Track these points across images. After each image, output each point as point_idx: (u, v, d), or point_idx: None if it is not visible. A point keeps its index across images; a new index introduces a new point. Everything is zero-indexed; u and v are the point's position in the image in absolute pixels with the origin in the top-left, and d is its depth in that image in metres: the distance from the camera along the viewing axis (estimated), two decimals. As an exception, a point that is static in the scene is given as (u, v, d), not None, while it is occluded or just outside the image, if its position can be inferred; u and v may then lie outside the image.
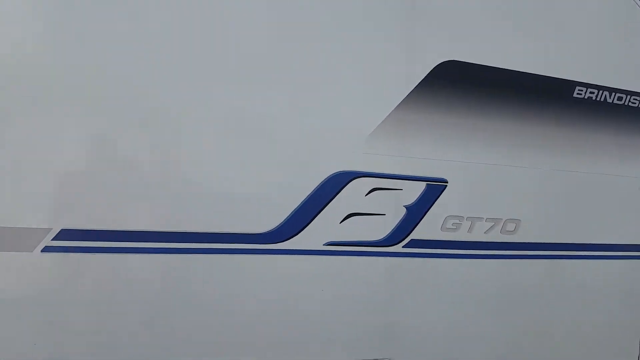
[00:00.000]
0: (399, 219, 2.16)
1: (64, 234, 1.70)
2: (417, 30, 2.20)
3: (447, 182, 2.24)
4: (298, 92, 2.01)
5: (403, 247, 2.18)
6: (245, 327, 1.92)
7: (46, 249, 1.68)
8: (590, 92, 2.42)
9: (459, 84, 2.25)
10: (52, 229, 1.68)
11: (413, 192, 2.19)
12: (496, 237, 2.34)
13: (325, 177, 2.04)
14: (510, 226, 2.37)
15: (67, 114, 1.70)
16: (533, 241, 2.41)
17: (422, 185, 2.20)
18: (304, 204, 2.00)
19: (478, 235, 2.31)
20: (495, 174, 2.32)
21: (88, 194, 1.72)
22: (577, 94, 2.41)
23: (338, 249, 2.07)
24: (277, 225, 1.96)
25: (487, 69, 2.26)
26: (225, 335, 1.89)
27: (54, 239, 1.68)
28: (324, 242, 2.04)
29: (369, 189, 2.11)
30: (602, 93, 2.45)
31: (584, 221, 2.48)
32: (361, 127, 2.09)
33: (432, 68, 2.20)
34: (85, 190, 1.72)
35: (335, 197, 2.05)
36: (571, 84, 2.39)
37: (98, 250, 1.74)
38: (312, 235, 2.02)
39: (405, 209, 2.17)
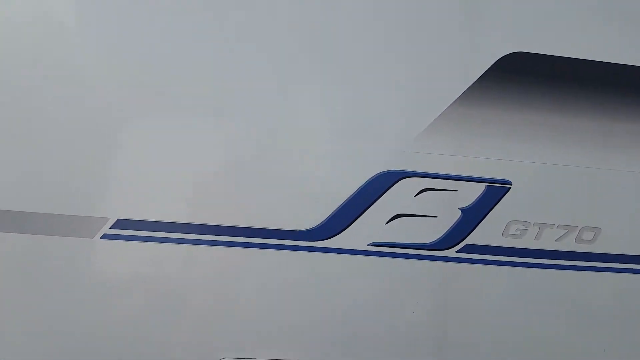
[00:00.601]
0: (453, 222, 2.02)
1: (120, 224, 1.85)
2: (479, 19, 2.02)
3: (510, 184, 2.05)
4: (347, 88, 1.97)
5: (457, 251, 2.04)
6: (282, 322, 1.95)
7: (105, 236, 1.85)
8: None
9: (527, 77, 2.04)
10: (109, 218, 1.84)
11: (470, 194, 2.03)
12: (570, 246, 2.09)
13: (371, 176, 1.97)
14: (588, 235, 2.10)
15: (125, 112, 1.84)
16: (615, 252, 2.11)
17: (481, 187, 2.03)
18: (347, 202, 1.96)
19: (547, 243, 2.08)
20: (568, 177, 2.06)
21: (141, 188, 1.86)
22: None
23: (383, 250, 2.00)
24: (319, 223, 1.95)
25: (561, 59, 2.02)
26: (263, 328, 1.94)
27: (111, 227, 1.84)
28: (368, 243, 1.99)
29: (419, 190, 2.00)
30: None
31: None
32: (411, 125, 1.99)
33: (495, 60, 2.01)
34: (138, 185, 1.86)
35: (381, 197, 1.98)
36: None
37: (149, 239, 1.87)
38: (356, 235, 1.97)
39: (460, 212, 2.03)
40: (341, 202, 1.96)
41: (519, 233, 2.07)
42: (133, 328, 1.89)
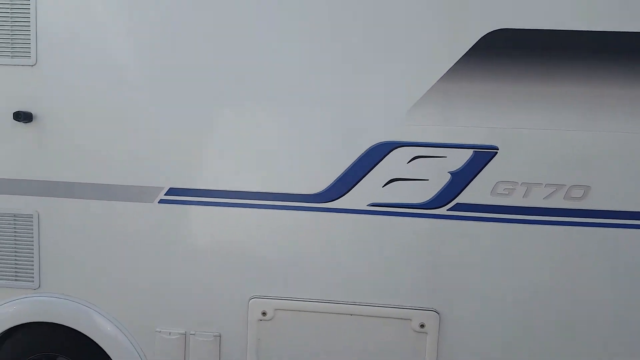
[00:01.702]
0: (443, 184, 2.30)
1: (172, 192, 2.40)
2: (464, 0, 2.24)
3: (497, 149, 2.27)
4: (346, 68, 2.30)
5: (448, 210, 2.32)
6: (296, 269, 2.38)
7: (162, 201, 2.41)
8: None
9: (510, 51, 2.22)
10: (164, 187, 2.39)
11: (458, 159, 2.29)
12: (559, 203, 2.27)
13: (368, 146, 2.31)
14: (577, 192, 2.26)
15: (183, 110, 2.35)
16: (605, 209, 2.24)
17: (468, 153, 2.28)
18: (348, 170, 2.32)
19: (535, 201, 2.28)
20: (555, 140, 2.23)
21: (186, 164, 2.37)
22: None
23: (381, 209, 2.34)
24: (324, 188, 2.34)
25: (542, 32, 2.18)
26: (282, 273, 2.39)
27: (166, 194, 2.40)
28: (368, 203, 2.34)
29: (411, 157, 2.30)
30: None
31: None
32: (403, 100, 2.28)
33: (480, 37, 2.22)
34: (186, 161, 2.37)
35: (378, 165, 2.32)
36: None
37: (196, 203, 2.40)
38: (357, 197, 2.34)
39: (450, 175, 2.30)
40: (343, 170, 2.33)
41: (507, 192, 2.29)
42: (180, 270, 2.43)
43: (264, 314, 2.39)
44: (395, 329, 2.37)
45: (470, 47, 2.24)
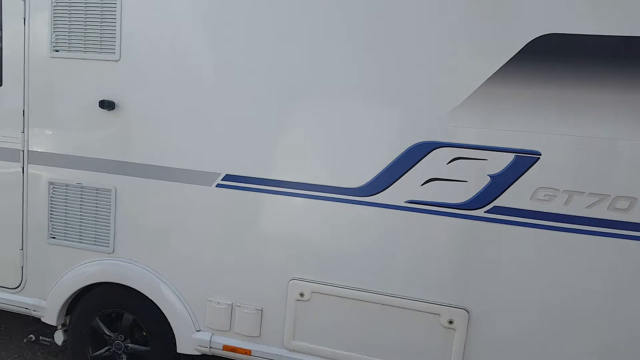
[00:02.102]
0: (482, 186, 2.35)
1: (228, 177, 2.65)
2: (513, 3, 2.25)
3: (540, 154, 2.27)
4: (391, 70, 2.41)
5: (485, 212, 2.36)
6: (335, 255, 2.54)
7: (219, 185, 2.67)
8: None
9: (557, 56, 2.21)
10: (221, 173, 2.65)
11: (499, 162, 2.32)
12: (602, 213, 2.24)
13: (409, 145, 2.41)
14: (623, 204, 2.21)
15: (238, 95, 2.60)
16: (652, 223, 2.18)
17: (510, 157, 2.31)
18: (389, 167, 2.44)
19: (577, 209, 2.26)
20: (600, 148, 2.20)
21: (244, 153, 2.61)
22: None
23: (418, 207, 2.43)
24: (364, 182, 2.48)
25: (589, 37, 2.14)
26: (323, 258, 2.56)
27: (222, 179, 2.66)
28: (406, 200, 2.44)
29: (451, 158, 2.37)
30: None
31: None
32: (446, 101, 2.35)
33: (527, 42, 2.23)
34: (242, 151, 2.61)
35: (418, 163, 2.41)
36: None
37: (248, 189, 2.63)
38: (395, 193, 2.45)
39: (489, 178, 2.34)
40: (384, 167, 2.45)
41: (548, 199, 2.29)
42: (231, 247, 2.69)
43: (301, 295, 2.59)
44: (424, 323, 2.47)
45: (518, 51, 2.25)
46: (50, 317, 3.02)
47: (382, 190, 2.47)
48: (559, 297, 2.29)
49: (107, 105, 2.74)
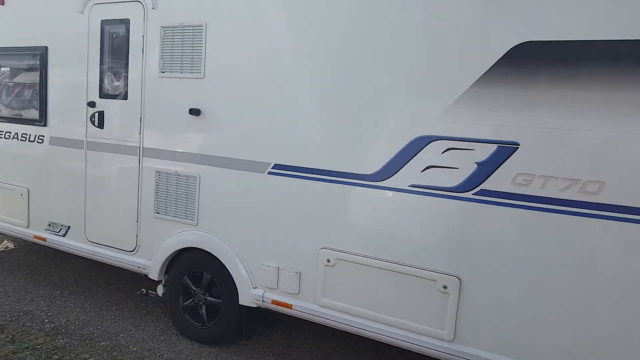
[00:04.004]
0: (470, 172, 2.92)
1: (276, 166, 3.54)
2: (496, 15, 2.80)
3: (518, 145, 2.80)
4: (394, 75, 3.10)
5: (473, 194, 2.93)
6: (355, 229, 3.27)
7: (270, 173, 3.57)
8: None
9: (533, 60, 2.71)
10: (271, 163, 3.55)
11: (484, 152, 2.88)
12: (573, 195, 2.68)
13: (411, 139, 3.07)
14: (592, 187, 2.64)
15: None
16: (618, 204, 2.57)
17: (493, 147, 2.86)
18: (395, 157, 3.12)
19: (551, 192, 2.73)
20: (572, 139, 2.64)
21: (288, 146, 3.48)
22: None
23: (419, 190, 3.07)
24: (377, 170, 3.18)
25: (561, 43, 2.61)
26: (346, 231, 3.30)
27: (272, 167, 3.56)
28: (409, 184, 3.10)
29: (445, 149, 2.98)
30: None
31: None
32: (440, 102, 2.96)
33: (508, 49, 2.78)
34: (287, 145, 3.48)
35: (418, 154, 3.05)
36: None
37: (291, 176, 3.49)
38: (401, 179, 3.11)
39: (476, 165, 2.91)
40: (392, 156, 3.13)
41: (526, 183, 2.78)
42: (278, 222, 3.54)
43: (328, 261, 3.36)
44: (424, 287, 3.07)
45: (500, 57, 2.80)
46: (154, 273, 4.16)
47: (390, 176, 3.14)
48: (536, 267, 2.75)
49: (194, 112, 3.81)
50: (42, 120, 4.72)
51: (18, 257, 5.98)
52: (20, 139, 4.90)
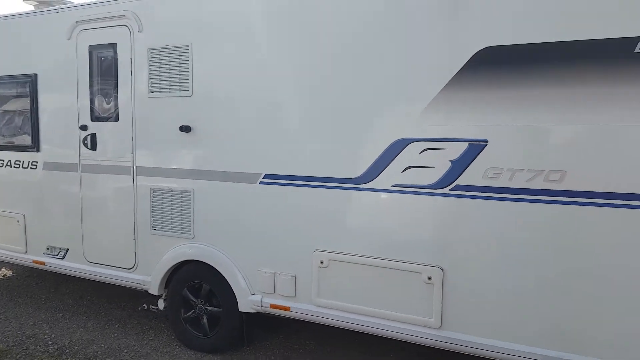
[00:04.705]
0: (445, 170, 3.28)
1: (267, 176, 3.88)
2: (459, 23, 3.16)
3: (487, 142, 3.16)
4: (373, 85, 3.45)
5: (449, 190, 3.28)
6: (346, 230, 3.61)
7: (261, 183, 3.90)
8: None
9: (496, 63, 3.08)
10: (262, 173, 3.89)
11: (457, 150, 3.23)
12: (539, 185, 3.04)
13: (391, 142, 3.42)
14: (555, 176, 3.00)
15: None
16: (578, 189, 2.93)
17: (464, 145, 3.22)
18: (377, 160, 3.47)
19: (519, 183, 3.09)
20: (535, 134, 3.00)
21: (276, 158, 3.82)
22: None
23: (401, 189, 3.42)
24: (361, 173, 3.53)
25: (519, 47, 2.98)
26: (338, 233, 3.64)
27: (263, 177, 3.89)
28: (391, 185, 3.44)
29: (422, 149, 3.34)
30: None
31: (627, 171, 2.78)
32: (415, 106, 3.32)
33: (472, 54, 3.15)
34: (275, 156, 3.82)
35: (398, 155, 3.40)
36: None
37: (281, 184, 3.82)
38: (384, 180, 3.46)
39: (450, 163, 3.26)
40: (374, 160, 3.48)
41: (495, 176, 3.14)
42: (272, 228, 3.87)
43: (321, 262, 3.69)
44: (410, 280, 3.41)
45: (465, 62, 3.17)
46: (154, 288, 4.46)
47: (374, 178, 3.49)
48: (510, 253, 3.10)
49: (185, 129, 4.14)
50: (35, 146, 5.03)
51: (17, 283, 6.24)
52: (14, 166, 5.20)
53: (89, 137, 4.65)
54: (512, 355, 3.13)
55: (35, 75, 4.96)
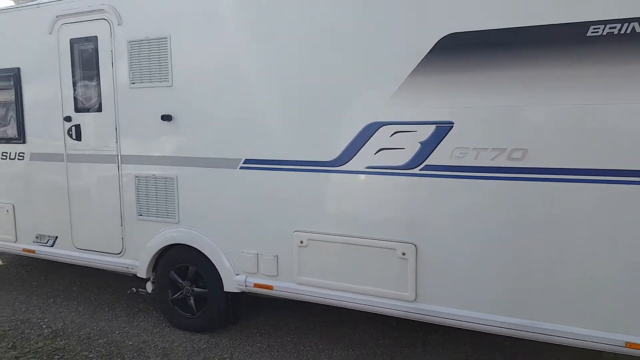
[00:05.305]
0: (415, 151, 3.48)
1: (247, 161, 4.07)
2: (425, 9, 3.35)
3: (453, 123, 3.36)
4: (345, 71, 3.64)
5: (420, 170, 3.49)
6: (324, 211, 3.82)
7: (241, 167, 4.10)
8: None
9: (461, 49, 3.27)
10: (242, 158, 4.08)
11: (425, 132, 3.44)
12: (502, 162, 3.25)
13: (363, 126, 3.62)
14: (517, 154, 3.21)
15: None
16: (539, 166, 3.15)
17: (432, 127, 3.43)
18: (351, 143, 3.67)
19: (484, 161, 3.30)
20: (497, 115, 3.21)
21: (255, 143, 4.01)
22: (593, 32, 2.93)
23: (374, 170, 3.63)
24: (336, 156, 3.73)
25: (481, 32, 3.17)
26: (316, 213, 3.85)
27: (243, 163, 4.08)
28: (365, 166, 3.65)
29: (392, 132, 3.54)
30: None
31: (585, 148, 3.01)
32: (385, 91, 3.52)
33: (436, 41, 3.34)
34: (254, 142, 4.01)
35: (371, 138, 3.60)
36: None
37: (261, 169, 4.02)
38: (358, 162, 3.66)
39: (419, 144, 3.47)
40: (348, 143, 3.68)
41: (462, 155, 3.35)
42: (253, 210, 4.08)
43: (301, 242, 3.90)
44: (386, 256, 3.63)
45: (431, 48, 3.36)
46: (142, 272, 4.67)
47: (348, 161, 3.69)
48: (477, 228, 3.33)
49: (166, 118, 4.31)
50: (21, 138, 5.18)
51: (7, 272, 6.43)
52: (1, 158, 5.35)
53: (73, 128, 4.81)
54: (481, 324, 3.38)
55: (19, 69, 5.09)
